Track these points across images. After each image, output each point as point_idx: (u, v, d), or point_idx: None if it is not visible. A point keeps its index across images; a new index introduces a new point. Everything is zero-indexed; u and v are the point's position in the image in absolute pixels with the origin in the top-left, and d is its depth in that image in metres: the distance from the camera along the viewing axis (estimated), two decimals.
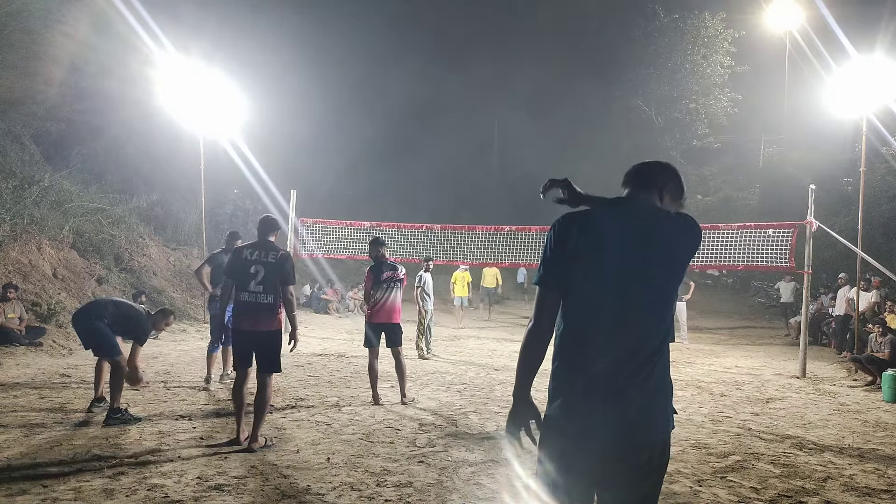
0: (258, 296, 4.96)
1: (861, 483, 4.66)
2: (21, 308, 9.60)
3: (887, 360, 8.52)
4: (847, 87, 10.76)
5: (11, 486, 4.02)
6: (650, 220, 2.15)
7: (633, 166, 2.36)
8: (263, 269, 4.97)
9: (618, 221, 2.15)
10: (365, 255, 13.39)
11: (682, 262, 2.17)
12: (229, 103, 13.09)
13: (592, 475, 2.07)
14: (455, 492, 4.21)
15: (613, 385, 2.02)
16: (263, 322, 4.98)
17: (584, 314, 2.09)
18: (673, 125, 32.05)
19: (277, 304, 5.00)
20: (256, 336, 5.01)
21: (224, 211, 18.58)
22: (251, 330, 5.01)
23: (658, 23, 30.84)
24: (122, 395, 5.69)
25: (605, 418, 2.01)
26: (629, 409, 2.01)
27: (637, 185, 2.29)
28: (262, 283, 4.96)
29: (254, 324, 4.99)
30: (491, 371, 9.33)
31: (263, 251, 5.05)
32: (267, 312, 4.97)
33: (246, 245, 5.21)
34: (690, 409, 7.02)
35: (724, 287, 23.39)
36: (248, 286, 4.97)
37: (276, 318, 5.02)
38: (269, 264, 4.98)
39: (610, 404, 2.01)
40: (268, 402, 5.10)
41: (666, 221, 2.15)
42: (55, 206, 12.61)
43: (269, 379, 5.07)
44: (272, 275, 4.96)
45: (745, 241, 10.39)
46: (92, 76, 15.58)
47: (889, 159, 17.78)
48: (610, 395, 2.02)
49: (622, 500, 2.07)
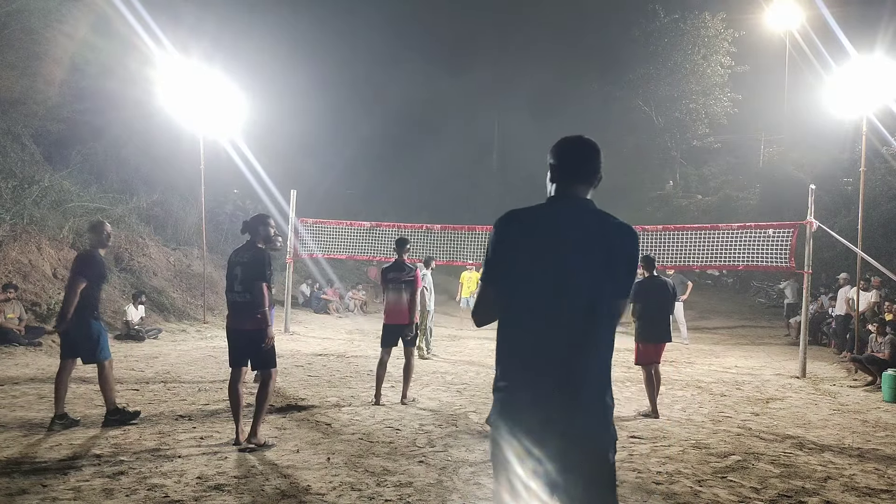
0: (239, 295, 5.06)
1: (861, 483, 4.66)
2: (21, 308, 9.60)
3: (887, 359, 8.52)
4: (847, 87, 10.75)
5: (11, 486, 4.02)
6: (585, 221, 2.10)
7: (565, 152, 2.23)
8: (241, 270, 5.07)
9: (550, 221, 2.13)
10: (365, 255, 13.44)
11: (617, 267, 2.04)
12: (229, 103, 13.10)
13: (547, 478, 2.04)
14: (455, 492, 4.21)
15: (540, 389, 2.01)
16: (247, 321, 5.04)
17: (514, 316, 2.14)
18: (673, 125, 32.06)
19: (257, 302, 5.03)
20: (242, 335, 5.09)
21: (224, 211, 18.57)
22: (237, 329, 5.10)
23: (658, 23, 30.86)
24: (115, 394, 5.62)
25: (530, 423, 2.01)
26: (554, 415, 1.98)
27: (573, 179, 2.20)
28: (241, 282, 5.05)
29: (239, 323, 5.08)
30: (491, 371, 9.30)
31: (243, 251, 5.15)
32: (248, 311, 5.02)
33: (235, 249, 5.31)
34: (690, 409, 7.02)
35: (724, 287, 23.38)
36: (233, 287, 5.09)
37: (259, 317, 5.05)
38: (245, 264, 5.07)
39: (536, 406, 2.00)
40: (267, 399, 5.12)
41: (601, 224, 2.10)
42: (55, 206, 12.61)
43: (268, 376, 5.11)
44: (248, 273, 5.04)
45: (745, 241, 10.40)
46: (92, 76, 15.59)
47: (889, 159, 17.79)
48: (537, 399, 2.01)
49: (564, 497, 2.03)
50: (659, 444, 5.55)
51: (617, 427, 4.19)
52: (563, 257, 2.03)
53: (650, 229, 11.43)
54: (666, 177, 34.20)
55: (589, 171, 2.21)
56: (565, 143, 2.25)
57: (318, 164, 25.55)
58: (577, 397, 1.99)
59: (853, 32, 14.34)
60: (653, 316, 6.73)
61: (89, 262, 5.60)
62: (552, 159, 2.25)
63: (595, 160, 2.21)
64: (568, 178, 2.20)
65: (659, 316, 6.79)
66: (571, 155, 2.23)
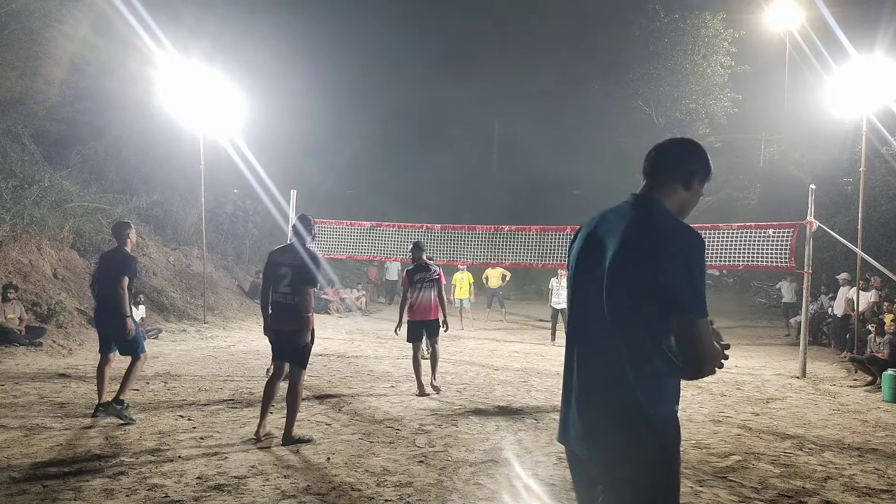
0: (286, 297, 5.16)
1: (861, 483, 4.66)
2: (21, 308, 9.60)
3: (887, 360, 8.52)
4: (847, 87, 10.75)
5: (11, 486, 4.02)
6: (614, 224, 2.00)
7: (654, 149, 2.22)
8: (291, 271, 5.15)
9: (586, 229, 2.10)
10: (365, 255, 13.42)
11: (630, 274, 1.92)
12: (229, 103, 13.09)
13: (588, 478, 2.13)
14: (455, 492, 4.21)
15: (570, 395, 2.08)
16: (292, 322, 5.15)
17: (569, 321, 2.18)
18: (673, 125, 32.01)
19: (305, 304, 5.16)
20: (284, 335, 5.20)
21: (224, 211, 18.55)
22: (280, 330, 5.21)
23: (658, 23, 30.83)
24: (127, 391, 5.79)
25: (565, 427, 2.11)
26: (574, 423, 2.05)
27: (646, 176, 2.15)
28: (290, 284, 5.15)
29: (282, 323, 5.18)
30: (491, 371, 9.33)
31: (291, 252, 5.24)
32: (292, 313, 5.14)
33: (278, 248, 5.42)
34: (690, 409, 7.02)
35: (724, 287, 23.39)
36: (278, 287, 5.19)
37: (304, 318, 5.17)
38: (296, 266, 5.16)
39: (568, 413, 2.09)
40: (298, 400, 5.24)
41: (623, 225, 1.98)
42: (55, 206, 12.60)
43: (298, 376, 5.23)
44: (299, 276, 5.14)
45: (745, 241, 10.38)
46: (92, 76, 15.58)
47: (889, 159, 17.76)
48: (568, 405, 2.09)
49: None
50: None
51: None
52: (584, 265, 2.12)
53: None
54: None
55: (660, 165, 2.20)
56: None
57: (318, 164, 25.55)
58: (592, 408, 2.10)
59: (853, 32, 14.32)
60: None
61: (128, 260, 5.88)
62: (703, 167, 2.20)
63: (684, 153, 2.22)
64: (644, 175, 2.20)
65: None
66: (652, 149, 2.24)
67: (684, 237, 1.90)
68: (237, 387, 7.43)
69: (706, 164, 2.19)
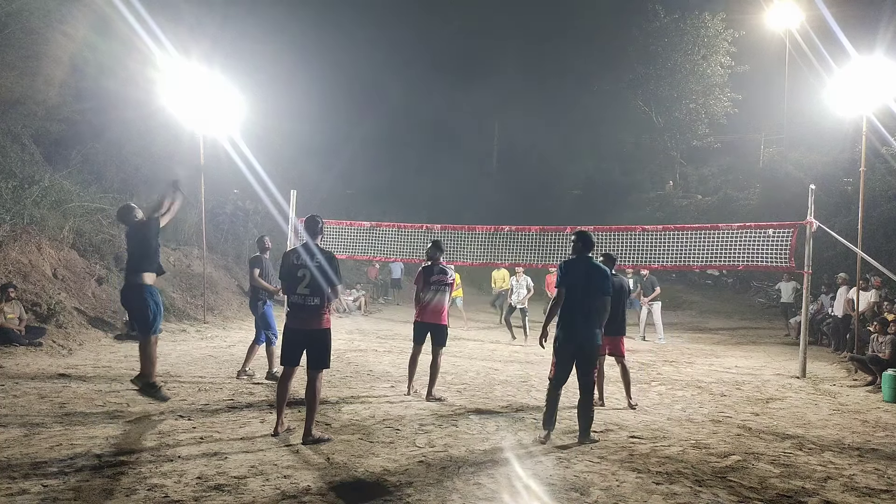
0: (306, 298, 5.20)
1: (861, 483, 4.66)
2: (21, 308, 9.59)
3: (888, 359, 8.51)
4: (847, 87, 10.74)
5: (11, 486, 4.02)
6: (589, 266, 5.66)
7: (578, 239, 5.77)
8: (310, 273, 5.18)
9: (580, 265, 5.68)
10: (365, 255, 13.41)
11: (600, 285, 5.59)
12: (229, 103, 13.08)
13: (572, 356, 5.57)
14: (455, 492, 4.21)
15: (576, 324, 5.52)
16: (313, 321, 5.20)
17: (569, 302, 5.55)
18: (673, 125, 32.04)
19: (324, 305, 5.21)
20: (306, 333, 5.24)
21: (224, 211, 18.54)
22: (301, 328, 5.24)
23: (658, 23, 30.85)
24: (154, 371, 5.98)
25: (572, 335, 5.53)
26: (579, 333, 5.53)
27: (585, 249, 5.74)
28: (309, 286, 5.19)
29: (303, 323, 5.23)
30: (491, 371, 9.32)
31: (309, 253, 5.26)
32: (314, 313, 5.19)
33: (293, 249, 5.45)
34: (690, 409, 7.02)
35: (724, 287, 23.38)
36: (296, 289, 5.22)
37: (324, 318, 5.23)
38: (316, 268, 5.20)
39: (574, 329, 5.52)
40: (318, 398, 5.31)
41: (594, 268, 5.66)
42: (55, 206, 12.59)
43: (318, 375, 5.27)
44: (318, 277, 5.18)
45: (745, 241, 10.38)
46: (92, 76, 15.56)
47: (889, 159, 17.76)
48: (575, 328, 5.53)
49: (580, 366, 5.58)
50: (659, 444, 5.55)
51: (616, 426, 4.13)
52: (583, 280, 5.68)
53: (650, 229, 11.41)
54: (666, 177, 34.19)
55: (587, 246, 5.89)
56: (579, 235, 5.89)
57: (318, 164, 25.55)
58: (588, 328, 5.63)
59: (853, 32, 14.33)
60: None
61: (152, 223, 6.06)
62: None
63: (589, 240, 5.87)
64: (581, 248, 5.81)
65: (612, 312, 6.79)
66: (581, 239, 5.85)
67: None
68: (237, 387, 7.43)
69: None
